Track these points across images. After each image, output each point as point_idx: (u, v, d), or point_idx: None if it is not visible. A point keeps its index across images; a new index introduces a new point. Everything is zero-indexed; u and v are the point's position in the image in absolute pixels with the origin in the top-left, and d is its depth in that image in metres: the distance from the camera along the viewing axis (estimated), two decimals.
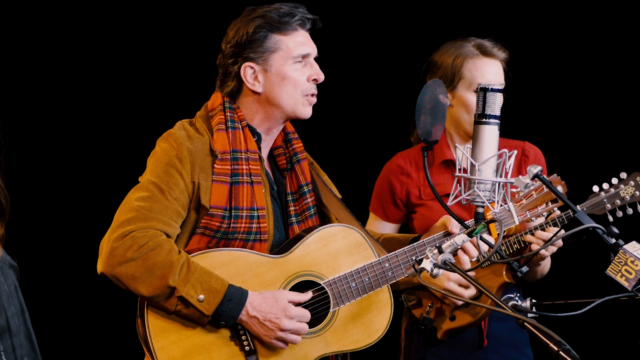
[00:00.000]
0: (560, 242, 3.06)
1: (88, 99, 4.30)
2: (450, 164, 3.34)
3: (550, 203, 2.89)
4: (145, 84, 4.32)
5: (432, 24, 4.35)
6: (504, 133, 3.19)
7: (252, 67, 2.82)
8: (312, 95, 2.85)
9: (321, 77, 2.85)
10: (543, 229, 3.14)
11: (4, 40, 4.19)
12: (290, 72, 2.81)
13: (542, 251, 3.09)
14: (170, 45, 4.33)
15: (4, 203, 1.85)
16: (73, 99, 4.30)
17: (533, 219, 2.91)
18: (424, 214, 3.34)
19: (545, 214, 2.90)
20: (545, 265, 3.29)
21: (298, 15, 2.82)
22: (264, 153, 2.90)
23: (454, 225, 2.85)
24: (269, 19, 2.80)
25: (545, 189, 2.87)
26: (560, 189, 2.95)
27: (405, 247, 2.85)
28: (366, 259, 2.83)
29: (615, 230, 2.28)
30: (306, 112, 2.85)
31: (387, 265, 2.83)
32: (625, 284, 2.22)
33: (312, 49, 2.85)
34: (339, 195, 3.00)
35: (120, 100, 4.32)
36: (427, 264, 2.30)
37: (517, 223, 2.83)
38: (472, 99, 3.26)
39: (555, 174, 3.06)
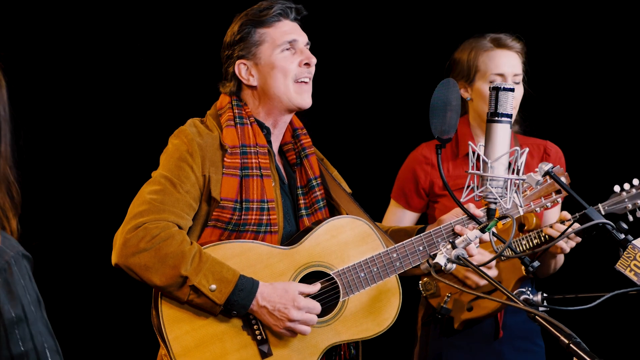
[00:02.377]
0: (578, 238, 3.11)
1: (102, 99, 4.34)
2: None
3: (554, 194, 2.96)
4: (159, 84, 4.36)
5: (456, 20, 4.38)
6: (527, 131, 3.26)
7: (244, 64, 2.90)
8: (306, 81, 2.89)
9: (312, 60, 2.90)
10: (562, 223, 3.19)
11: (28, 37, 4.21)
12: (279, 60, 2.87)
13: (563, 245, 3.14)
14: (182, 48, 4.36)
15: (16, 197, 1.88)
16: (88, 98, 4.33)
17: (537, 209, 2.97)
18: (445, 204, 3.39)
19: (549, 204, 2.97)
20: (559, 260, 3.34)
21: (277, 6, 2.90)
22: (274, 148, 2.95)
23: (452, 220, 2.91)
24: (251, 15, 2.90)
25: (549, 181, 2.93)
26: (563, 179, 3.01)
27: (412, 238, 2.90)
28: (374, 250, 2.88)
29: (625, 226, 2.34)
30: (303, 100, 2.89)
31: (394, 255, 2.88)
32: (634, 279, 2.29)
33: (299, 36, 2.91)
34: (349, 190, 3.05)
35: (134, 100, 4.35)
36: (440, 259, 2.36)
37: (521, 214, 2.89)
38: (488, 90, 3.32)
39: (559, 166, 3.12)
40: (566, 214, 3.17)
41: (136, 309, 3.57)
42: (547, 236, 3.20)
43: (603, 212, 3.08)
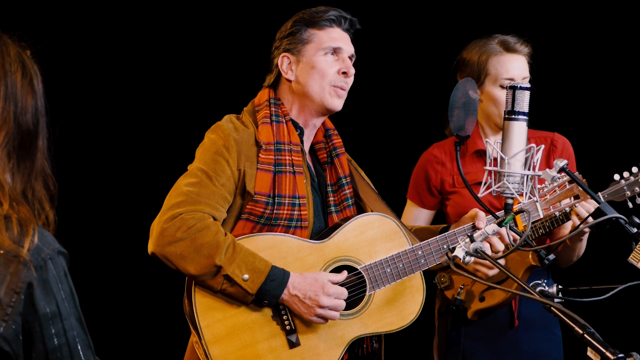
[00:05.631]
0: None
1: (139, 97, 4.44)
2: (482, 153, 3.45)
3: (572, 199, 3.03)
4: (195, 81, 4.44)
5: (466, 21, 4.43)
6: (534, 124, 3.32)
7: (288, 58, 2.99)
8: (341, 88, 2.97)
9: (350, 70, 2.98)
10: (564, 216, 3.24)
11: (70, 35, 4.34)
12: (320, 62, 2.96)
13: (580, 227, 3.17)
14: (218, 47, 4.44)
15: (52, 189, 1.91)
16: (125, 96, 4.43)
17: (556, 214, 3.04)
18: (456, 200, 3.47)
19: (568, 209, 3.04)
20: (581, 250, 3.39)
21: (332, 12, 2.99)
22: (306, 147, 3.03)
23: (481, 220, 3.00)
24: (306, 14, 3.00)
25: (568, 186, 3.01)
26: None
27: (437, 236, 2.98)
28: (400, 247, 2.96)
29: (637, 220, 2.39)
30: (333, 103, 2.97)
31: (420, 252, 2.96)
32: None
33: (345, 46, 2.99)
34: (375, 190, 3.14)
35: (170, 98, 4.44)
36: (459, 252, 2.43)
37: (541, 216, 2.96)
38: (498, 93, 3.38)
39: (577, 172, 3.19)
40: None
41: (169, 298, 3.68)
42: (550, 226, 3.26)
43: (603, 200, 3.13)
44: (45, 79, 1.92)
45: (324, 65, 2.96)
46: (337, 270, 2.93)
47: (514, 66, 3.39)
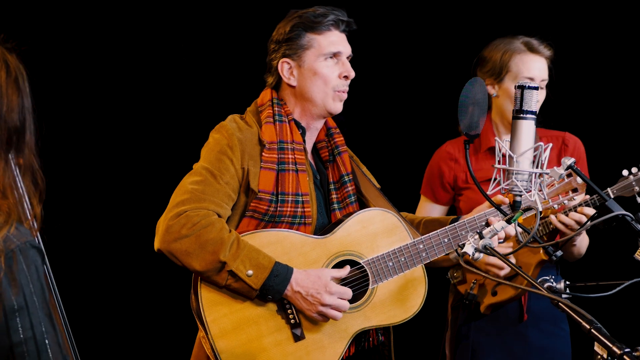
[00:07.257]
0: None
1: (147, 97, 4.45)
2: None
3: (571, 192, 3.09)
4: (200, 83, 4.46)
5: (480, 19, 4.46)
6: (545, 124, 3.38)
7: (288, 63, 3.01)
8: (343, 91, 3.01)
9: (351, 74, 3.01)
10: (575, 210, 3.31)
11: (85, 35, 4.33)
12: (321, 68, 2.99)
13: (568, 230, 3.25)
14: (222, 48, 4.45)
15: (40, 185, 1.91)
16: (132, 95, 4.44)
17: (555, 206, 3.09)
18: (469, 196, 3.53)
19: (566, 202, 3.10)
20: (582, 245, 3.45)
21: (331, 16, 3.00)
22: (308, 146, 3.07)
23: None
24: (305, 19, 3.00)
25: (567, 180, 3.06)
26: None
27: (438, 230, 3.02)
28: (402, 241, 3.00)
29: None
30: (336, 107, 3.02)
31: (421, 246, 3.00)
32: None
33: (344, 48, 3.02)
34: (378, 185, 3.17)
35: (175, 98, 4.46)
36: (468, 248, 2.46)
37: (540, 210, 3.01)
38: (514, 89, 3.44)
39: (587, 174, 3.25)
40: (587, 196, 3.27)
41: (176, 294, 3.69)
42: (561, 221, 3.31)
43: (612, 196, 3.19)
44: (34, 78, 1.93)
45: (326, 71, 2.99)
46: (340, 264, 2.97)
47: (535, 66, 3.45)
